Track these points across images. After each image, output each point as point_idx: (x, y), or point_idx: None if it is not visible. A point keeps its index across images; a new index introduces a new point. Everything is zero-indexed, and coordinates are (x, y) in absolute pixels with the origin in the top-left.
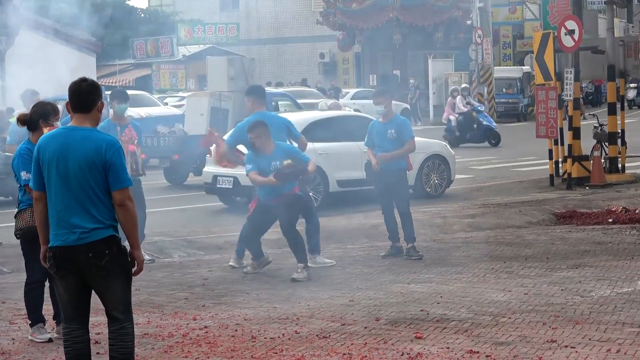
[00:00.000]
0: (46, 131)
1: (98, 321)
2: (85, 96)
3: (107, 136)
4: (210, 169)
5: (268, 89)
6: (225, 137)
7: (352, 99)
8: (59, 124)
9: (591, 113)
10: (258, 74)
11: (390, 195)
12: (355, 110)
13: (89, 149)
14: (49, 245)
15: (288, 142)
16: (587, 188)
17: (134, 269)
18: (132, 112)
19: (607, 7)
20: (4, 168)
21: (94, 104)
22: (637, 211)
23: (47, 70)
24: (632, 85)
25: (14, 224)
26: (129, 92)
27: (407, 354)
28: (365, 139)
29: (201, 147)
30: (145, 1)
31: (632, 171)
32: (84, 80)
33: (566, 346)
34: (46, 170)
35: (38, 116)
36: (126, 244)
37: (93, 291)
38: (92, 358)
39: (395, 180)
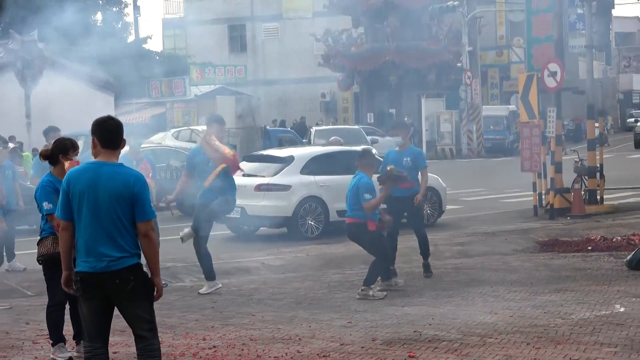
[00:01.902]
0: (67, 165)
1: (114, 341)
2: (115, 134)
3: (134, 171)
4: None
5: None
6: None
7: None
8: (78, 158)
9: (572, 149)
10: (264, 112)
11: (399, 221)
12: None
13: (118, 183)
14: (77, 270)
15: None
16: (568, 218)
17: (154, 294)
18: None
19: (587, 51)
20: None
21: (122, 140)
22: (614, 239)
23: (69, 108)
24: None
25: (36, 250)
26: (193, 127)
27: None
28: (380, 167)
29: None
30: (161, 45)
31: (610, 202)
32: (111, 119)
33: None
34: (76, 202)
35: (58, 151)
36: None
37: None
38: None
39: (410, 205)
